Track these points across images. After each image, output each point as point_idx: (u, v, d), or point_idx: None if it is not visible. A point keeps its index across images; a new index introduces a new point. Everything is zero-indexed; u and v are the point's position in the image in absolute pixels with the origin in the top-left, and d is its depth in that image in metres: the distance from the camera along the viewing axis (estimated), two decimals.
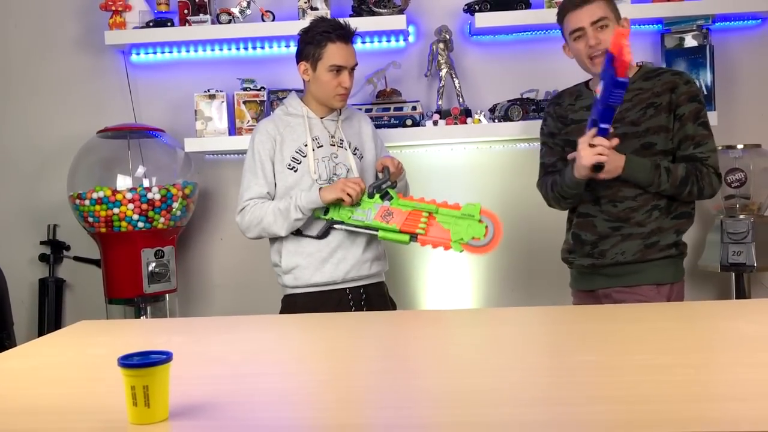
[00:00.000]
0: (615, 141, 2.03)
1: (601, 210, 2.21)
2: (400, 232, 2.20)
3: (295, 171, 2.33)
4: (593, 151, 2.03)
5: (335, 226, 2.29)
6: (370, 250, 2.37)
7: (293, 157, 2.34)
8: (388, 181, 2.25)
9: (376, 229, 2.24)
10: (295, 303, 2.35)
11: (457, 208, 2.18)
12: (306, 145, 2.34)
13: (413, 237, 2.20)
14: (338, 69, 2.32)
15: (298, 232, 2.32)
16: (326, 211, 2.28)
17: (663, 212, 2.18)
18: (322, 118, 2.41)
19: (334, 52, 2.31)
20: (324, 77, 2.33)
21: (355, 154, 2.41)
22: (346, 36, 2.34)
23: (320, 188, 2.26)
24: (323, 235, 2.31)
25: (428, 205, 2.20)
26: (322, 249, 2.32)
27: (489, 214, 2.17)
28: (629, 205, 2.17)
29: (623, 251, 2.18)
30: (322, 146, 2.36)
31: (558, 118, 2.33)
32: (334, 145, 2.38)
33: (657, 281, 2.18)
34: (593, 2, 2.17)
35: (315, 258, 2.32)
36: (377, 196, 2.24)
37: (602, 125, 1.99)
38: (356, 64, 2.38)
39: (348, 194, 2.21)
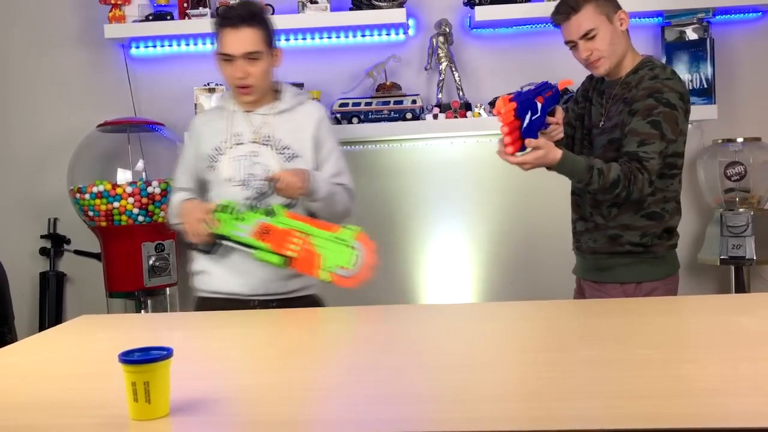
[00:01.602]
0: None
1: (588, 192, 2.15)
2: (274, 252, 1.98)
3: (213, 169, 2.15)
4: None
5: (220, 240, 2.05)
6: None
7: (210, 155, 2.15)
8: (265, 195, 2.03)
9: (255, 248, 2.01)
10: (206, 307, 2.18)
11: (331, 229, 1.97)
12: (225, 143, 2.14)
13: (287, 259, 1.98)
14: (227, 58, 2.08)
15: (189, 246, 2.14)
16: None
17: (625, 210, 2.11)
18: (249, 111, 2.16)
19: (221, 39, 2.09)
20: (219, 67, 2.12)
21: (283, 154, 2.12)
22: (235, 20, 2.05)
23: (183, 202, 2.12)
24: (208, 249, 2.09)
25: (303, 225, 1.98)
26: (233, 258, 2.10)
27: (365, 241, 1.95)
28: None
29: (596, 239, 2.17)
30: (242, 144, 2.13)
31: (584, 91, 2.30)
32: (256, 142, 2.12)
33: (621, 280, 2.14)
34: (579, 11, 2.07)
35: (222, 266, 2.13)
36: (261, 210, 2.02)
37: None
38: (256, 52, 2.06)
39: (193, 224, 2.01)
